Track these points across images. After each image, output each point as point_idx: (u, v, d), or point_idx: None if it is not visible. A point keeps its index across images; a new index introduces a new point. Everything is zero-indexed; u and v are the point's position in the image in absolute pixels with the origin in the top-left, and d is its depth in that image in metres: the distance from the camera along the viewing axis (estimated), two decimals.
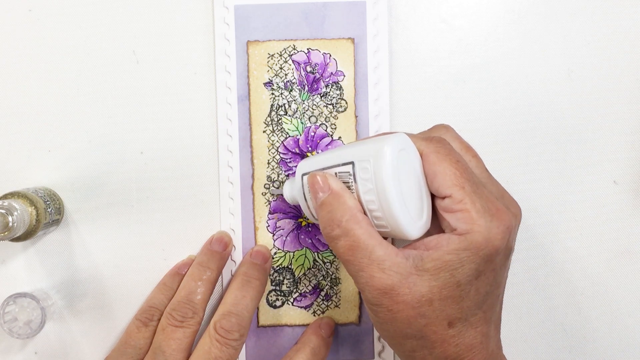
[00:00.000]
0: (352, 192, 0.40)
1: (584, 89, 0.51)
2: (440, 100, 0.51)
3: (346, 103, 0.51)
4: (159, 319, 0.47)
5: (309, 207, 0.44)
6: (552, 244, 0.51)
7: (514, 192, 0.51)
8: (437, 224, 0.41)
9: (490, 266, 0.38)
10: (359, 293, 0.51)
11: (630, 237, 0.51)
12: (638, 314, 0.52)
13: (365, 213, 0.39)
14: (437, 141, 0.40)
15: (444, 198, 0.39)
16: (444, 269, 0.37)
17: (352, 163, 0.40)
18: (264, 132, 0.51)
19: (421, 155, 0.40)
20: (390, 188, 0.38)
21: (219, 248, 0.49)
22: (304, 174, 0.43)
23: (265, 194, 0.51)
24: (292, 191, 0.46)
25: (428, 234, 0.40)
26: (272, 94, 0.50)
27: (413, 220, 0.39)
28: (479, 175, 0.41)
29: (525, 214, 0.51)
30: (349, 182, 0.40)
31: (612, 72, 0.51)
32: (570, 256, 0.51)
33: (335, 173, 0.41)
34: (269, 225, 0.51)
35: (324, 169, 0.42)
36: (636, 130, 0.51)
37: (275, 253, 0.51)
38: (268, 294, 0.51)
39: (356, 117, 0.51)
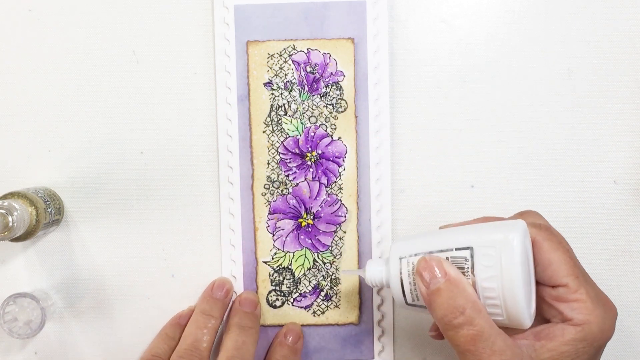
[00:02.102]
0: (468, 279, 0.39)
1: (584, 89, 0.51)
2: (440, 100, 0.51)
3: (346, 103, 0.51)
4: None
5: (404, 292, 0.42)
6: None
7: (514, 192, 0.51)
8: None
9: (598, 356, 0.39)
10: (359, 293, 0.51)
11: (630, 237, 0.51)
12: (638, 314, 0.52)
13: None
14: (546, 229, 0.40)
15: (555, 287, 0.39)
16: (560, 359, 0.37)
17: (470, 248, 0.39)
18: (263, 132, 0.51)
19: (532, 242, 0.40)
20: (519, 277, 0.37)
21: (221, 295, 0.49)
22: (401, 257, 0.42)
23: (265, 194, 0.51)
24: (380, 273, 0.43)
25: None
26: (272, 94, 0.50)
27: (528, 309, 0.38)
28: None
29: None
30: (463, 268, 0.39)
31: (612, 72, 0.51)
32: None
33: (447, 257, 0.40)
34: (268, 226, 0.51)
35: (431, 252, 0.40)
36: (636, 130, 0.51)
37: (275, 253, 0.51)
38: (268, 294, 0.51)
39: (356, 117, 0.51)
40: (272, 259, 0.51)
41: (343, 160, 0.51)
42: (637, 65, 0.51)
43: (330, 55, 0.50)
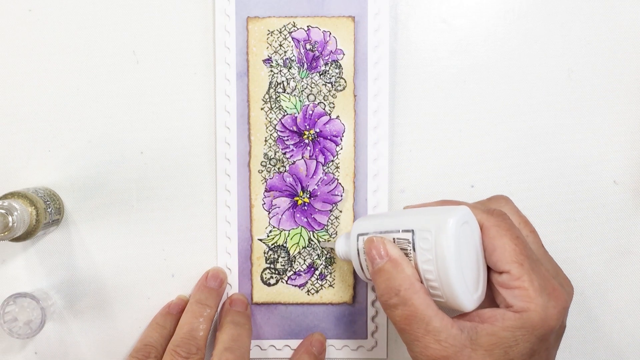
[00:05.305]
0: (410, 260, 0.40)
1: (584, 89, 0.51)
2: (440, 100, 0.51)
3: (345, 82, 0.50)
4: (156, 357, 0.47)
5: (362, 267, 0.44)
6: (552, 244, 0.51)
7: (514, 192, 0.51)
8: (490, 295, 0.41)
9: (544, 345, 0.38)
10: (354, 273, 0.51)
11: (630, 237, 0.51)
12: (638, 314, 0.52)
13: (421, 281, 0.39)
14: (497, 215, 0.40)
15: (501, 273, 0.39)
16: (498, 345, 0.37)
17: (412, 231, 0.40)
18: (261, 109, 0.50)
19: (481, 228, 0.40)
20: (451, 262, 0.38)
21: (215, 285, 0.49)
22: (359, 234, 0.43)
23: (262, 171, 0.51)
24: (345, 247, 0.46)
25: (480, 304, 0.40)
26: (271, 71, 0.50)
27: (470, 292, 0.39)
28: (535, 251, 0.41)
29: (524, 213, 0.51)
30: (407, 250, 0.40)
31: (612, 72, 0.51)
32: (570, 256, 0.51)
33: (394, 239, 0.41)
34: (264, 203, 0.51)
35: (381, 232, 0.42)
36: (636, 130, 0.51)
37: (270, 231, 0.51)
38: (262, 272, 0.51)
39: (355, 96, 0.50)
40: (268, 236, 0.51)
41: (341, 139, 0.51)
42: (637, 65, 0.51)
43: (330, 34, 0.50)
